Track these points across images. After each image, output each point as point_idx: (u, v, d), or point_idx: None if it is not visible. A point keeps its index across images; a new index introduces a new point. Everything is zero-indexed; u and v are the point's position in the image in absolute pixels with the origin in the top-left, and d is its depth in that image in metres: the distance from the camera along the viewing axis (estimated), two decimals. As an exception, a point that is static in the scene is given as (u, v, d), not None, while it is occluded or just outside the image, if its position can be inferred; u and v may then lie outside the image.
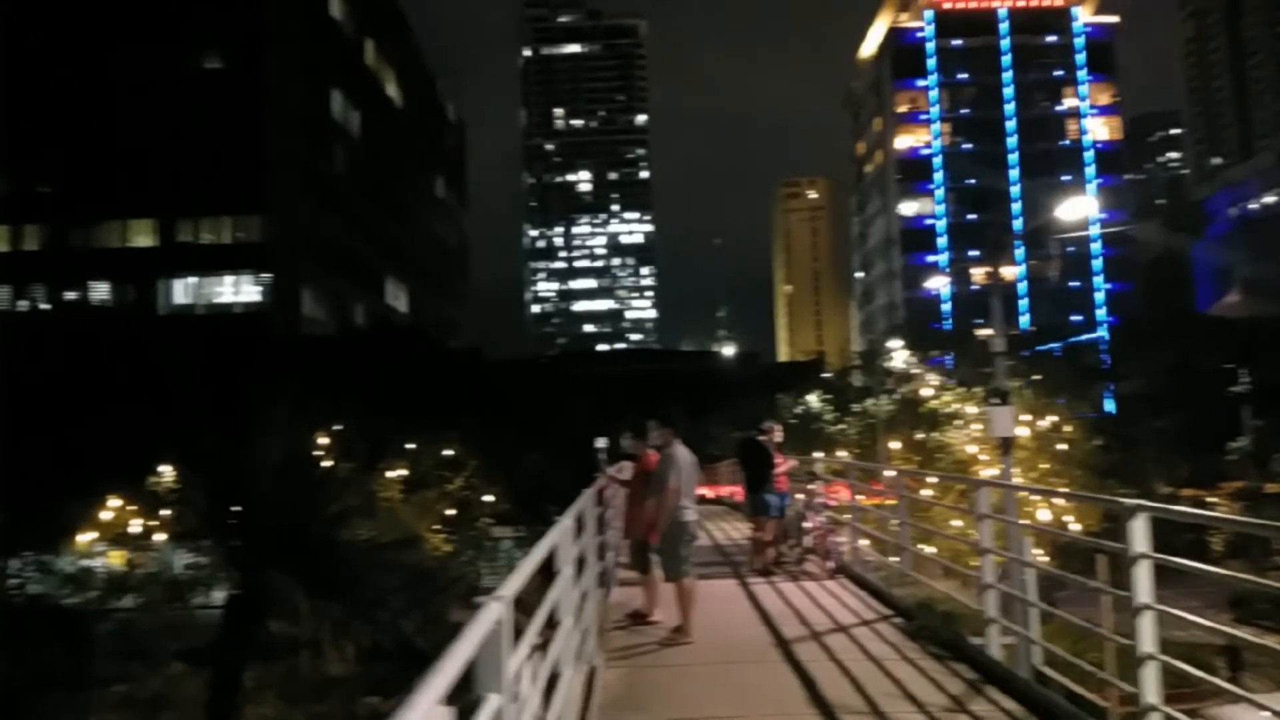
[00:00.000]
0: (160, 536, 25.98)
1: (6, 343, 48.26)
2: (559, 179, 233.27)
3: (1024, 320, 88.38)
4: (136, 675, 25.01)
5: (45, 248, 57.26)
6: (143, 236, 57.78)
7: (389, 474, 26.52)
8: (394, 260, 78.60)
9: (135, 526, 27.59)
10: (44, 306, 57.21)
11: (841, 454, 29.04)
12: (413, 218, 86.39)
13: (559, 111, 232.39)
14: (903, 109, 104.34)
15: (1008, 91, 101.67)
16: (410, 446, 28.18)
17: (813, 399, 37.21)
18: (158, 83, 55.24)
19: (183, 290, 57.90)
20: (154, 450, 21.78)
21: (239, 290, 57.85)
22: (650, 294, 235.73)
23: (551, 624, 4.68)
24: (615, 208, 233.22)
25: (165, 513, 24.27)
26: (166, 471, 23.45)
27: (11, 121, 54.88)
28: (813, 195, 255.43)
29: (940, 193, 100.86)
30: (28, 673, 15.39)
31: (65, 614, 20.48)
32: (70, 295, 57.47)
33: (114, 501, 27.81)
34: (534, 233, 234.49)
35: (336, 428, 24.06)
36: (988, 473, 24.63)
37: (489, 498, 29.53)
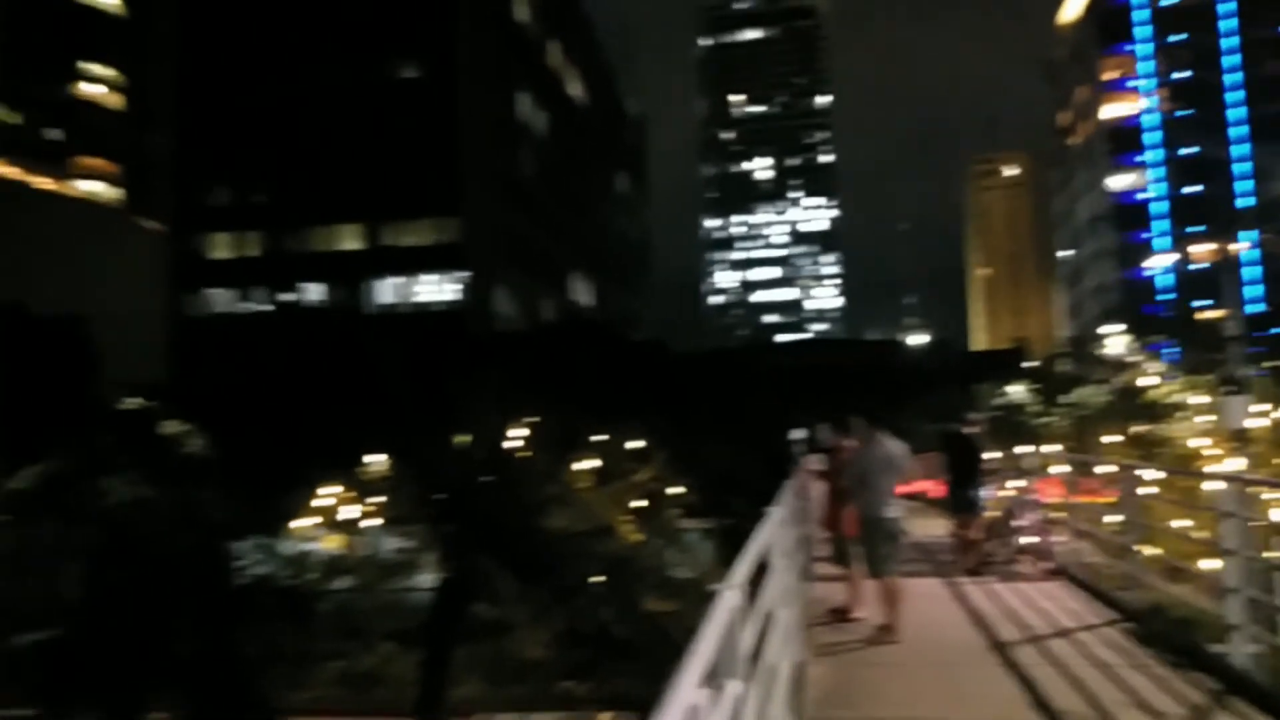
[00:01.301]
0: (372, 522, 27.70)
1: (232, 341, 52.85)
2: (738, 168, 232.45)
3: (1257, 305, 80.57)
4: (352, 652, 26.85)
5: (265, 253, 62.30)
6: (350, 240, 61.88)
7: (580, 465, 27.11)
8: (579, 256, 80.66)
9: (349, 513, 29.54)
10: (265, 308, 62.28)
11: (1049, 448, 27.39)
12: (596, 214, 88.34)
13: (737, 99, 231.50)
14: (1110, 75, 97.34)
15: (1230, 52, 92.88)
16: (599, 439, 28.75)
17: (1016, 389, 35.26)
18: (360, 94, 58.97)
19: (387, 290, 61.62)
20: (365, 441, 23.19)
21: (438, 289, 60.99)
22: (833, 282, 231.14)
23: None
24: (796, 194, 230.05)
25: (376, 500, 25.82)
26: (377, 461, 24.92)
27: (232, 137, 60.05)
28: (1010, 172, 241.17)
29: (1155, 164, 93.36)
30: (258, 647, 16.70)
31: (289, 593, 22.11)
32: (287, 297, 62.33)
33: (330, 489, 29.87)
34: (713, 223, 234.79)
35: (531, 420, 24.81)
36: (1216, 468, 22.56)
37: (677, 490, 29.73)
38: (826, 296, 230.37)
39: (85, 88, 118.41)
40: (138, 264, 78.94)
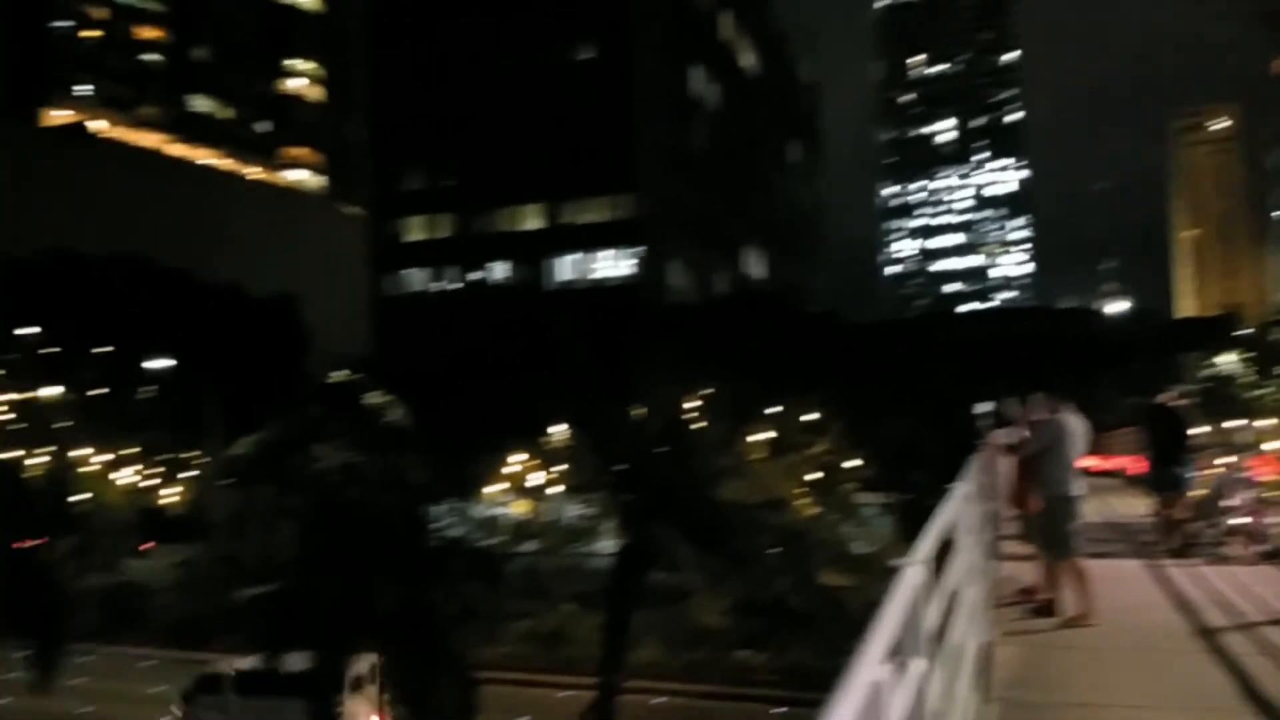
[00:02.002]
0: (555, 489, 28.81)
1: (427, 318, 55.77)
2: (917, 131, 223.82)
3: None
4: (538, 612, 28.13)
5: (455, 234, 65.38)
6: (532, 220, 64.01)
7: (754, 437, 27.10)
8: (752, 228, 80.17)
9: (534, 480, 30.87)
10: (455, 286, 65.43)
11: (1263, 423, 25.19)
12: (769, 184, 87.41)
13: (916, 59, 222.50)
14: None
15: None
16: (773, 411, 28.69)
17: (1227, 360, 32.56)
18: (540, 78, 60.66)
19: (566, 267, 63.41)
20: (549, 412, 24.09)
21: (615, 265, 62.23)
22: (1022, 247, 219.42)
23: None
24: (981, 156, 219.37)
25: (559, 468, 26.82)
26: (560, 431, 25.85)
27: (422, 123, 63.07)
28: (1218, 125, 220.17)
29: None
30: (453, 604, 17.69)
31: (480, 554, 23.30)
32: (475, 275, 65.24)
33: (517, 457, 31.28)
34: (890, 190, 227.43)
35: (705, 392, 24.99)
36: None
37: (852, 463, 29.30)
38: (1014, 263, 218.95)
39: (290, 82, 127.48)
40: (341, 247, 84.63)
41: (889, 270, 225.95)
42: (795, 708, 21.03)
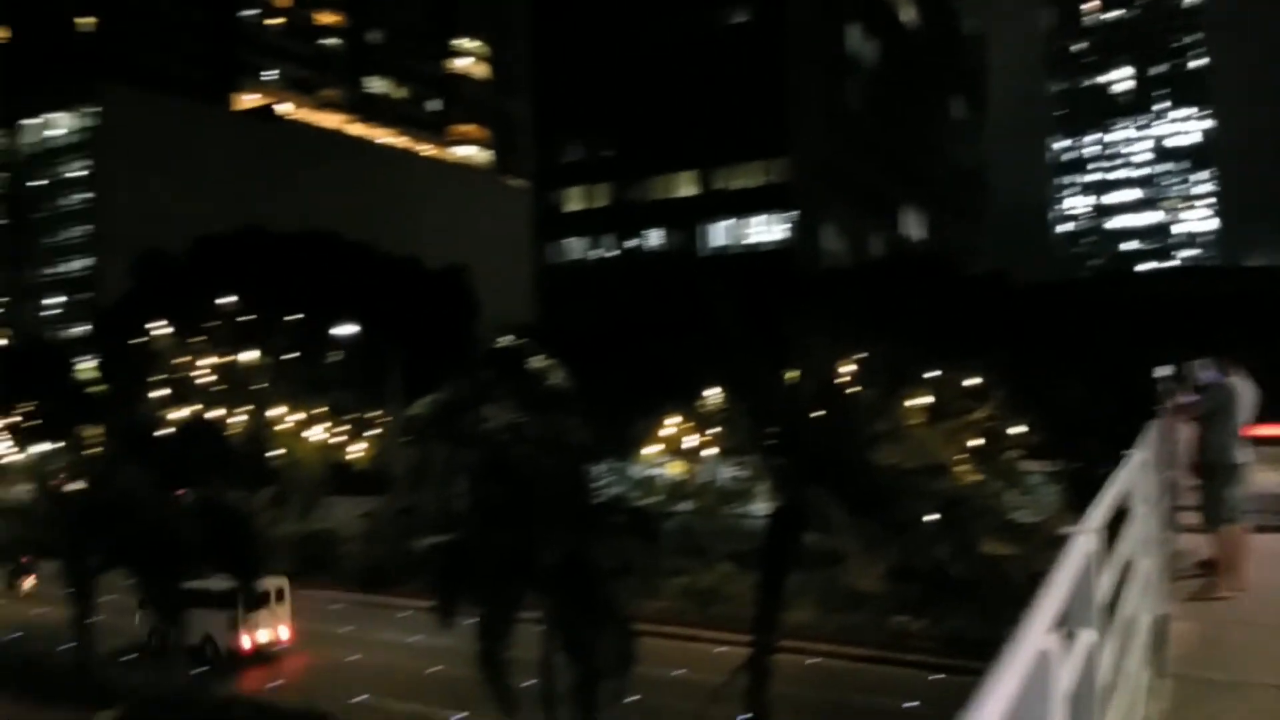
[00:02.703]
0: (710, 451, 29.16)
1: (587, 285, 57.00)
2: (1091, 81, 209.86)
3: None
4: (694, 570, 28.70)
5: (612, 203, 66.44)
6: (686, 187, 64.21)
7: (912, 402, 26.60)
8: (910, 188, 77.64)
9: (689, 442, 31.32)
10: (612, 253, 66.60)
11: None
12: (929, 143, 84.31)
13: (1089, 5, 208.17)
14: None
15: None
16: (932, 375, 27.99)
17: None
18: (695, 45, 60.49)
19: (719, 233, 63.39)
20: (703, 376, 24.38)
21: (768, 229, 61.75)
22: (1207, 202, 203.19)
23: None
24: (1161, 106, 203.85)
25: (713, 431, 27.11)
26: (714, 394, 26.13)
27: (581, 96, 64.08)
28: None
29: None
30: (611, 560, 18.28)
31: (638, 513, 23.94)
32: (631, 243, 66.18)
33: (672, 419, 31.80)
34: (1061, 145, 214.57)
35: (860, 356, 24.70)
36: None
37: (1017, 429, 28.31)
38: (1198, 219, 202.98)
39: (457, 61, 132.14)
40: (506, 219, 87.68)
41: (1060, 229, 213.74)
42: (953, 675, 20.78)
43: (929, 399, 27.07)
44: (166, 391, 46.57)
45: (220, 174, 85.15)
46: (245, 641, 23.92)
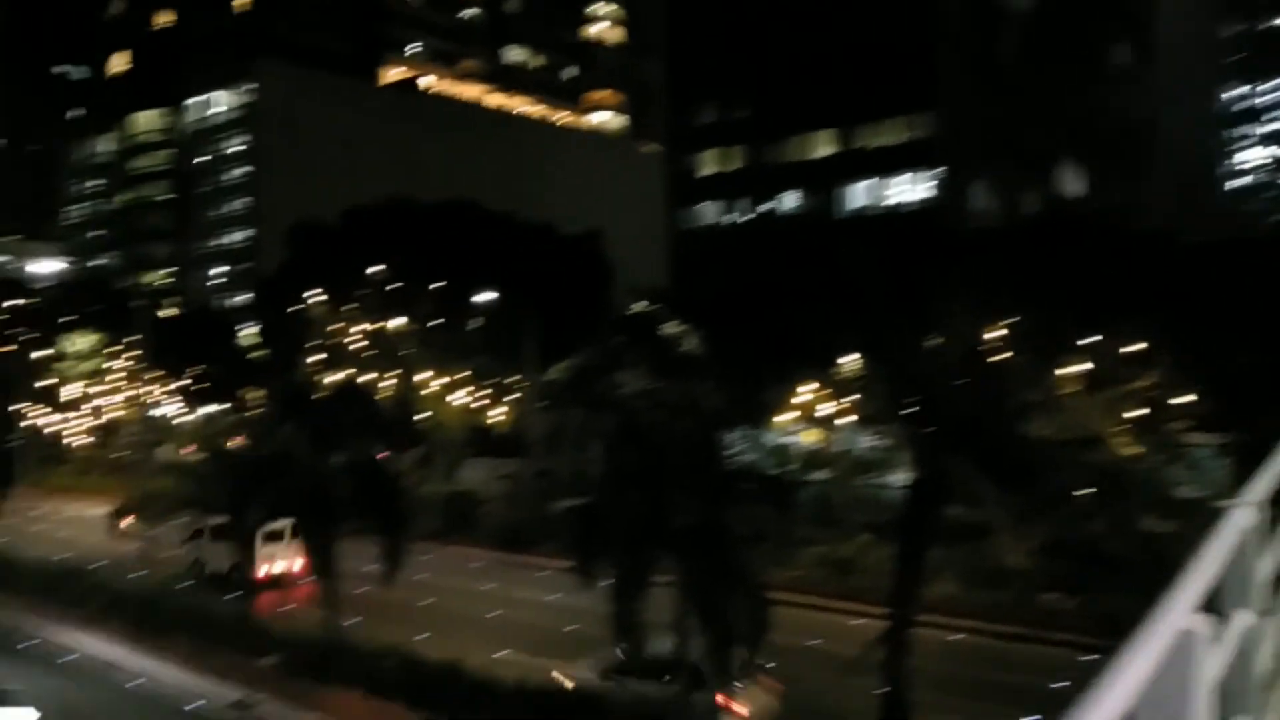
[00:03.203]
0: (846, 419, 28.54)
1: (721, 251, 56.62)
2: (1271, 23, 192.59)
3: None
4: (830, 540, 28.23)
5: (746, 166, 65.51)
6: (824, 147, 62.59)
7: (1066, 370, 25.27)
8: (1067, 142, 73.36)
9: (825, 409, 30.75)
10: (747, 218, 65.80)
11: None
12: (1088, 94, 79.29)
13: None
14: None
15: None
16: (1089, 341, 26.49)
17: None
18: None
19: (859, 194, 61.60)
20: (840, 342, 23.80)
21: (911, 189, 59.60)
22: None
23: None
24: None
25: (850, 398, 26.51)
26: (851, 361, 25.50)
27: (715, 57, 63.24)
28: None
29: None
30: (745, 527, 18.13)
31: (772, 481, 23.69)
32: (766, 206, 65.17)
33: (808, 386, 31.28)
34: (1236, 92, 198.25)
35: (1010, 321, 23.59)
36: None
37: (1184, 399, 26.48)
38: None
39: (592, 28, 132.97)
40: (640, 185, 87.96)
41: (1233, 184, 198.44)
42: (1107, 657, 19.72)
43: (1086, 366, 25.66)
44: (321, 356, 49.10)
45: (368, 146, 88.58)
46: (262, 570, 28.56)
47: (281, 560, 29.08)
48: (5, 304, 66.14)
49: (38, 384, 59.68)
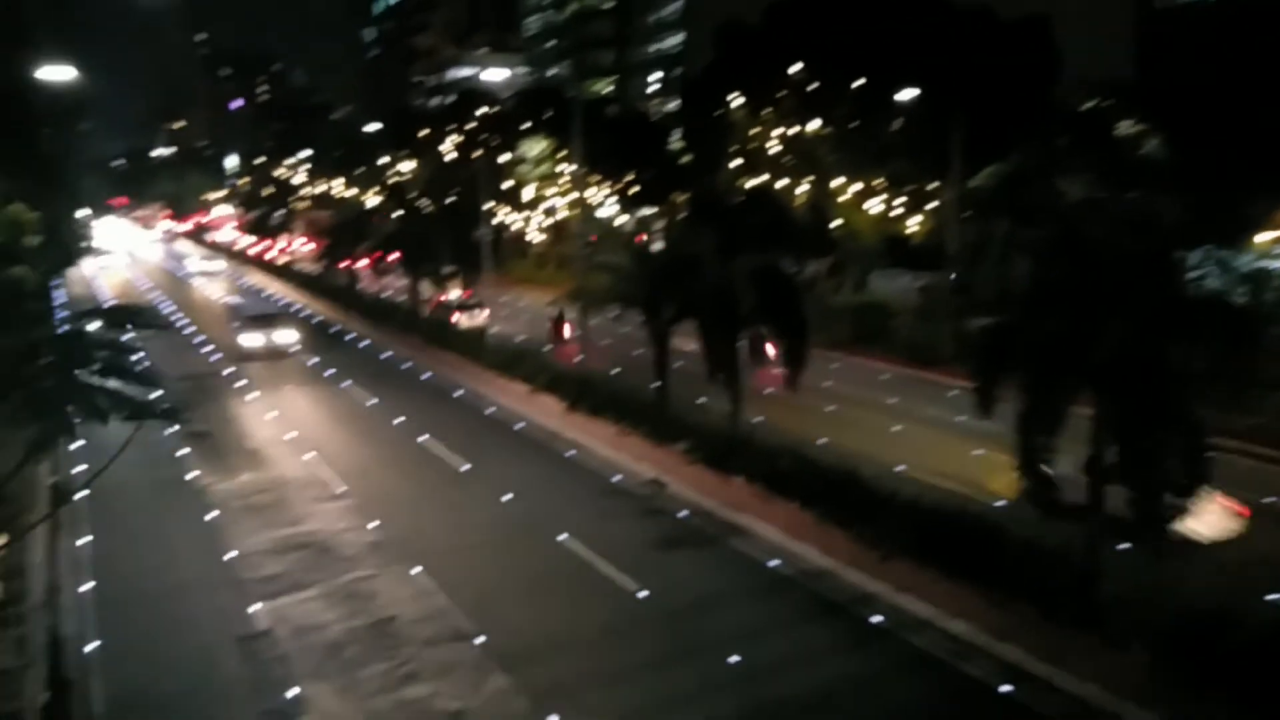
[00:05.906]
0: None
1: (1198, 36, 47.26)
2: None
3: None
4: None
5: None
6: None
7: None
8: None
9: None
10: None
11: None
12: None
13: None
14: None
15: None
16: None
17: None
18: None
19: None
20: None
21: None
22: None
23: None
24: None
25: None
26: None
27: None
28: None
29: None
30: (1194, 363, 15.57)
31: (1238, 312, 20.09)
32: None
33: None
34: None
35: None
36: None
37: None
38: None
39: None
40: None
41: None
42: None
43: None
44: (740, 162, 49.75)
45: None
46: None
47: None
48: (476, 112, 75.02)
49: (503, 185, 67.75)
